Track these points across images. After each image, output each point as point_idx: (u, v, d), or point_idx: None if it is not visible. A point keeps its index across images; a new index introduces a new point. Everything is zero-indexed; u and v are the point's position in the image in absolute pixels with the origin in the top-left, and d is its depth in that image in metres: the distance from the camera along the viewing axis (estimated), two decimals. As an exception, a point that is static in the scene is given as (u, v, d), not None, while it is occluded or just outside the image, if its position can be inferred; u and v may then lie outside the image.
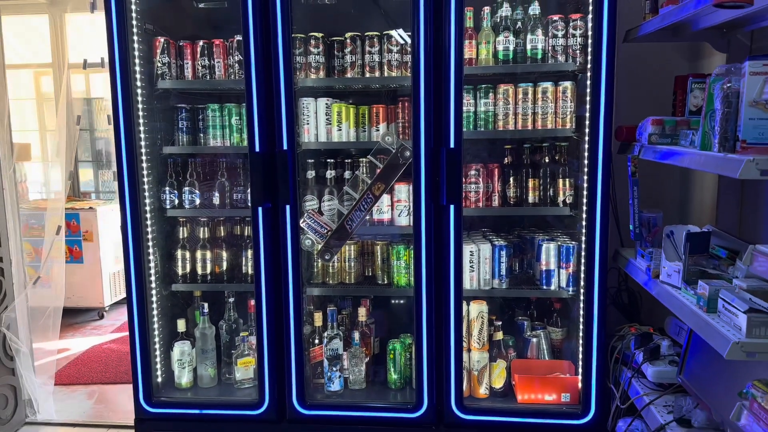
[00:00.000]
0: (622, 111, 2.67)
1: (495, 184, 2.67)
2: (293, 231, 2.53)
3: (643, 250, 2.28)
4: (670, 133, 2.14)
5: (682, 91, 2.34)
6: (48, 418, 3.45)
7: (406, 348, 2.73)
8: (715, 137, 1.69)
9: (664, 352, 2.32)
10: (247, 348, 2.77)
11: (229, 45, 2.71)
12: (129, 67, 2.50)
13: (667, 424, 2.03)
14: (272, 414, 2.62)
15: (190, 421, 2.67)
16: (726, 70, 1.73)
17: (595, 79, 2.31)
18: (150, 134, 2.67)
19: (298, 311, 2.57)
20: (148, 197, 2.66)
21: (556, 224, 2.88)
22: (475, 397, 2.66)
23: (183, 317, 2.80)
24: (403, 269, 2.71)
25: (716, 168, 1.68)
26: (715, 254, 2.05)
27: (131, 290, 2.61)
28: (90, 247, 5.11)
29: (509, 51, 2.55)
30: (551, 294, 2.69)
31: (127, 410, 3.59)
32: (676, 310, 1.92)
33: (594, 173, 2.36)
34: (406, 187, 2.65)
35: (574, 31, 2.48)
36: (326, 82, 2.69)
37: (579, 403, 2.52)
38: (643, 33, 2.40)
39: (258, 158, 2.48)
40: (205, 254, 2.81)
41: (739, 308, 1.59)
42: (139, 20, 2.57)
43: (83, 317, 5.30)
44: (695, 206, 2.81)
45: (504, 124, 2.61)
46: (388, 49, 2.62)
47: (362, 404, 2.63)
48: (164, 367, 2.83)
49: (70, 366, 4.26)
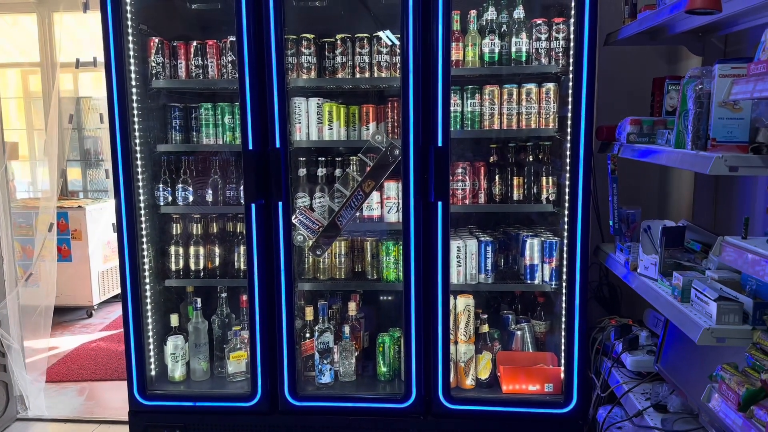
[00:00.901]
0: (602, 111, 2.77)
1: (481, 181, 2.76)
2: (285, 227, 2.60)
3: (622, 245, 2.38)
4: (648, 133, 2.24)
5: (659, 92, 2.45)
6: (39, 414, 3.48)
7: (395, 341, 2.81)
8: (689, 136, 1.80)
9: (643, 342, 2.42)
10: (239, 342, 2.83)
11: (222, 45, 2.77)
12: (124, 66, 2.55)
13: (644, 410, 2.14)
14: (264, 405, 2.68)
15: (183, 414, 2.72)
16: (699, 72, 1.84)
17: (576, 80, 2.40)
18: (144, 133, 2.72)
19: (290, 305, 2.64)
20: (143, 194, 2.71)
21: (540, 221, 2.97)
22: (461, 387, 2.74)
23: (176, 312, 2.86)
24: (393, 264, 2.79)
25: (690, 165, 1.78)
26: (690, 248, 2.16)
27: (126, 285, 2.66)
28: (79, 245, 5.13)
29: (495, 53, 2.64)
30: (535, 288, 2.78)
31: (117, 406, 3.64)
32: (652, 300, 2.02)
33: (575, 171, 2.45)
34: (396, 185, 2.73)
35: (557, 35, 2.58)
36: (317, 82, 2.77)
37: (562, 393, 2.61)
38: (622, 36, 2.50)
39: (251, 156, 2.54)
40: (198, 250, 2.87)
41: (710, 297, 1.69)
42: (133, 20, 2.63)
43: (72, 316, 5.31)
44: (673, 203, 2.92)
45: (490, 124, 2.70)
46: (378, 51, 2.70)
47: (353, 395, 2.70)
48: (158, 361, 2.88)
49: (59, 363, 4.28)
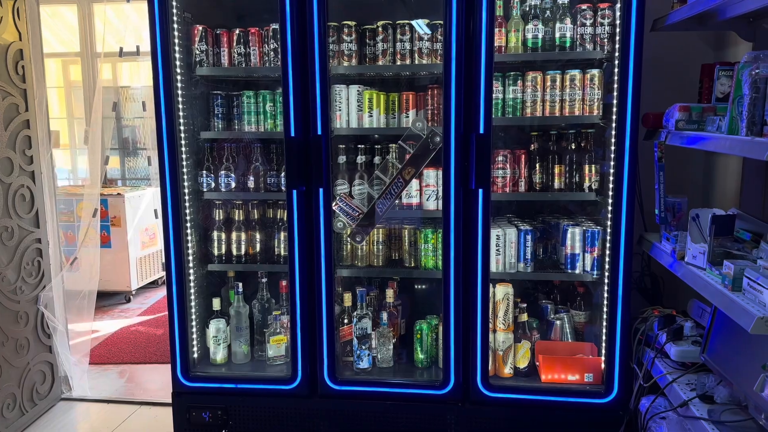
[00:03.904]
0: (646, 98, 2.72)
1: (522, 169, 2.74)
2: (326, 213, 2.62)
3: (669, 234, 2.35)
4: (697, 120, 2.20)
5: (708, 78, 2.40)
6: (82, 394, 3.59)
7: (433, 328, 2.82)
8: (743, 122, 1.76)
9: (687, 333, 2.38)
10: (279, 326, 2.87)
11: (265, 33, 2.79)
12: (170, 54, 2.60)
13: (690, 400, 2.11)
14: (304, 389, 2.72)
15: (225, 395, 2.78)
16: (754, 57, 1.79)
17: (623, 67, 2.37)
18: (188, 120, 2.77)
19: (330, 291, 2.66)
20: (187, 180, 2.76)
21: (579, 211, 2.94)
22: (499, 376, 2.74)
23: (218, 296, 2.91)
24: (431, 252, 2.80)
25: (743, 151, 1.74)
26: (739, 237, 2.12)
27: (171, 270, 2.72)
28: (118, 232, 5.25)
29: (538, 39, 2.61)
30: (575, 278, 2.76)
31: (156, 388, 3.73)
32: (700, 289, 1.99)
33: (621, 159, 2.42)
34: (435, 172, 2.73)
35: (602, 20, 2.54)
36: (358, 69, 2.77)
37: (602, 383, 2.59)
38: (670, 22, 2.45)
39: (293, 143, 2.57)
40: (239, 236, 2.92)
41: (764, 285, 1.66)
42: (178, 9, 2.67)
43: (111, 300, 5.45)
44: (718, 191, 2.86)
45: (532, 111, 2.68)
46: (419, 37, 2.69)
47: (391, 381, 2.72)
48: (200, 344, 2.94)
49: (100, 346, 4.40)
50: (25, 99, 3.17)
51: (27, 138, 3.20)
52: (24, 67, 3.15)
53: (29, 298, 3.25)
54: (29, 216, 3.23)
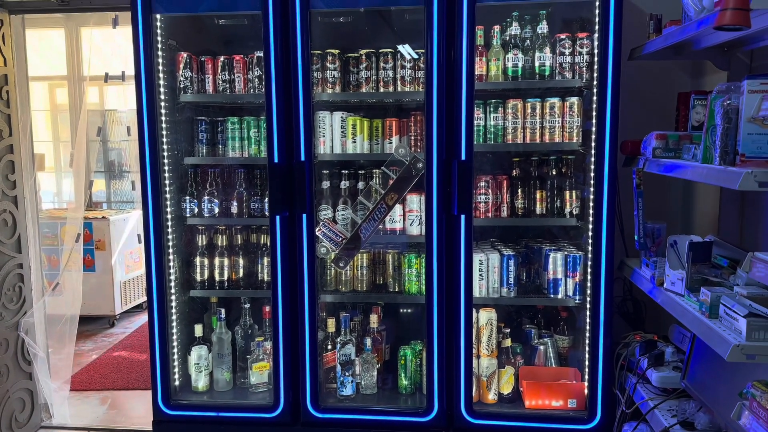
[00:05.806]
0: (626, 126, 2.76)
1: (504, 195, 2.76)
2: (309, 239, 2.63)
3: (648, 260, 2.37)
4: (674, 147, 2.24)
5: (684, 107, 2.44)
6: (63, 422, 3.53)
7: (417, 354, 2.81)
8: (716, 151, 1.79)
9: (668, 358, 2.39)
10: (262, 353, 2.85)
11: (249, 60, 2.82)
12: (154, 80, 2.61)
13: (671, 426, 2.11)
14: (287, 417, 2.69)
15: (207, 423, 2.74)
16: (726, 87, 1.83)
17: (601, 95, 2.41)
18: (171, 145, 2.78)
19: (313, 317, 2.66)
20: (170, 206, 2.76)
21: (562, 235, 2.97)
22: (483, 402, 2.73)
23: (200, 322, 2.89)
24: (414, 277, 2.80)
25: (717, 180, 1.77)
26: (716, 263, 2.14)
27: (152, 295, 2.70)
28: (102, 255, 5.21)
29: (518, 68, 2.65)
30: (558, 302, 2.77)
31: (139, 415, 3.67)
32: (679, 315, 2.01)
33: (600, 185, 2.45)
34: (418, 198, 2.75)
35: (581, 49, 2.59)
36: (342, 96, 2.80)
37: (585, 409, 2.59)
38: (647, 51, 2.51)
39: (277, 169, 2.58)
40: (222, 261, 2.91)
41: (739, 313, 1.67)
42: (163, 36, 2.69)
43: (94, 325, 5.38)
44: (697, 217, 2.90)
45: (513, 138, 2.71)
46: (402, 65, 2.73)
47: (374, 408, 2.70)
48: (182, 371, 2.91)
49: (82, 372, 4.34)
50: (9, 124, 3.17)
51: (10, 163, 3.19)
52: (9, 92, 3.15)
53: (9, 325, 3.21)
54: (11, 241, 3.20)
